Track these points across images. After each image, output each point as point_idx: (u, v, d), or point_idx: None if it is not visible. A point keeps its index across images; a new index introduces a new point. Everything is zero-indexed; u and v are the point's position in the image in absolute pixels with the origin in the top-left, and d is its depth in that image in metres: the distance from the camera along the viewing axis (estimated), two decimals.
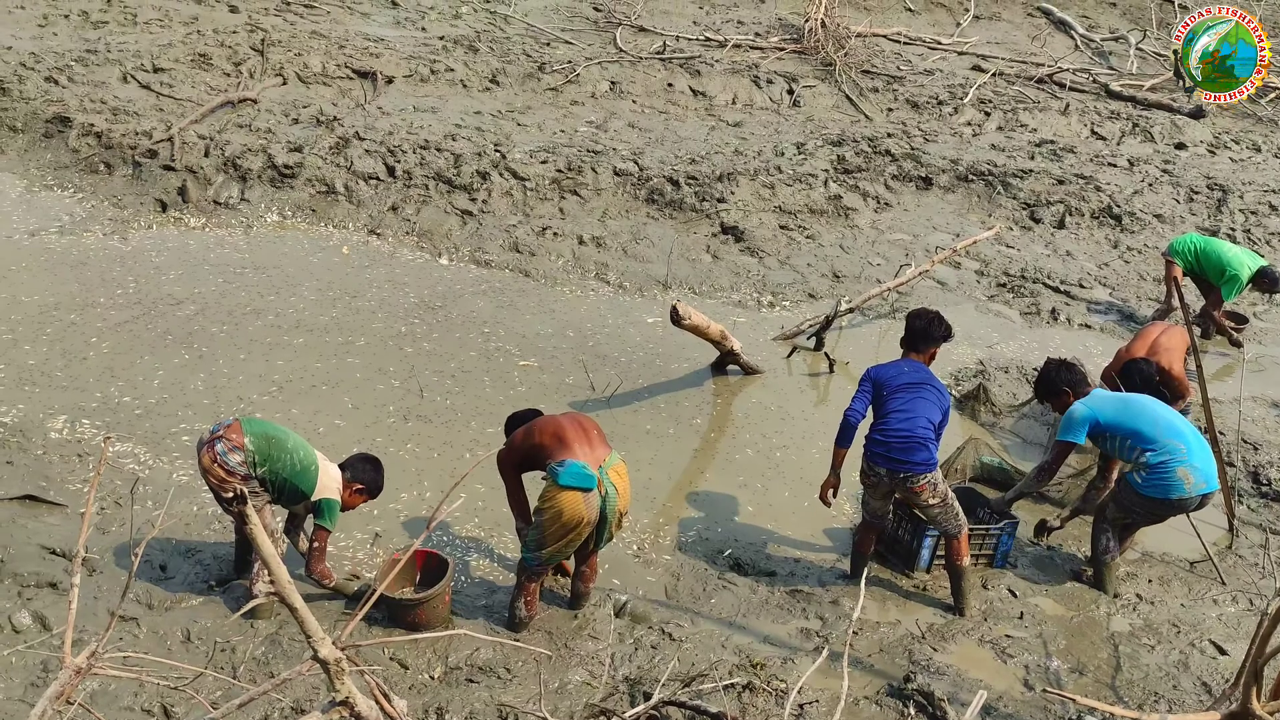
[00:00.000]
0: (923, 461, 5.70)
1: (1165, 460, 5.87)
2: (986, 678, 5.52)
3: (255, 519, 2.93)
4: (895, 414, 5.78)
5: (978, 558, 6.28)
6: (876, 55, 15.66)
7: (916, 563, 6.24)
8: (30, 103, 11.34)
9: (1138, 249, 10.89)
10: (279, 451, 5.34)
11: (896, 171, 11.91)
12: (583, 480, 5.18)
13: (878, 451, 5.80)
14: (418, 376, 7.85)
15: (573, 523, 5.21)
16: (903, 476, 5.74)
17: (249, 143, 10.88)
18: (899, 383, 5.86)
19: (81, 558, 3.54)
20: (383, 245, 9.98)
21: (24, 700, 4.82)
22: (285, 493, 5.41)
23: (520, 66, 13.73)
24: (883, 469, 5.79)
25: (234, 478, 5.24)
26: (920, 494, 5.77)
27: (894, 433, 5.75)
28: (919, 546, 6.21)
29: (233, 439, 5.28)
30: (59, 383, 7.38)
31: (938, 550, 6.16)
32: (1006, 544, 6.36)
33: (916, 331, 6.05)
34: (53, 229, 9.63)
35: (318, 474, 5.41)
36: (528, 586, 5.48)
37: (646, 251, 10.13)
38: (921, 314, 6.17)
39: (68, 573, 5.58)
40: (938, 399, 5.85)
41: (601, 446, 5.39)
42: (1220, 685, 5.55)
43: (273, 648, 5.28)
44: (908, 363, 6.01)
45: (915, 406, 5.76)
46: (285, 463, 5.34)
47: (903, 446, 5.71)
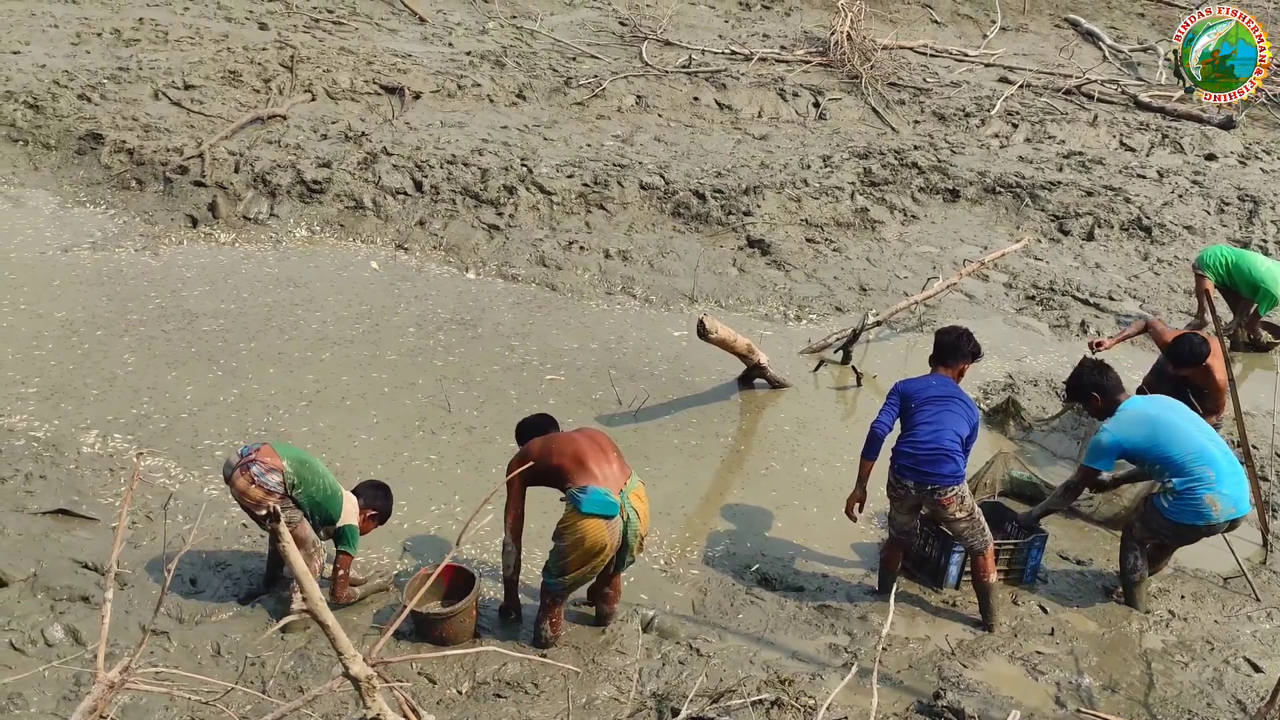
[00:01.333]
0: (950, 474, 5.67)
1: (1192, 487, 5.77)
2: (1017, 695, 5.46)
3: (287, 536, 2.95)
4: (923, 426, 5.75)
5: (1006, 573, 6.21)
6: (903, 67, 15.63)
7: (944, 579, 6.19)
8: (63, 120, 11.51)
9: (1168, 261, 10.80)
10: (312, 475, 5.47)
11: (923, 184, 11.87)
12: (605, 508, 5.14)
13: (905, 464, 5.77)
14: (445, 390, 7.88)
15: (595, 549, 5.19)
16: (930, 489, 5.70)
17: (278, 158, 10.99)
18: (926, 395, 5.84)
19: (114, 572, 3.57)
20: (410, 260, 10.04)
21: (56, 714, 4.86)
22: (314, 518, 5.53)
23: (546, 81, 13.80)
24: (910, 481, 5.76)
25: (272, 496, 5.33)
26: (947, 507, 5.73)
27: (922, 445, 5.72)
28: (947, 563, 6.16)
29: (267, 461, 5.37)
30: (91, 397, 7.47)
31: (965, 566, 6.10)
32: (1035, 559, 6.29)
33: (945, 347, 6.04)
34: (85, 245, 9.75)
35: (342, 500, 5.55)
36: (551, 609, 5.47)
37: (673, 265, 10.14)
38: (950, 330, 6.18)
39: (100, 587, 5.63)
40: (965, 413, 5.82)
41: (621, 469, 5.36)
42: (1255, 703, 5.48)
43: (302, 662, 5.31)
44: (936, 377, 5.99)
45: (943, 419, 5.72)
46: (318, 486, 5.47)
47: (930, 459, 5.68)
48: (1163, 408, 6.10)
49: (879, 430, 5.86)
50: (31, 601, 5.56)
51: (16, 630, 5.35)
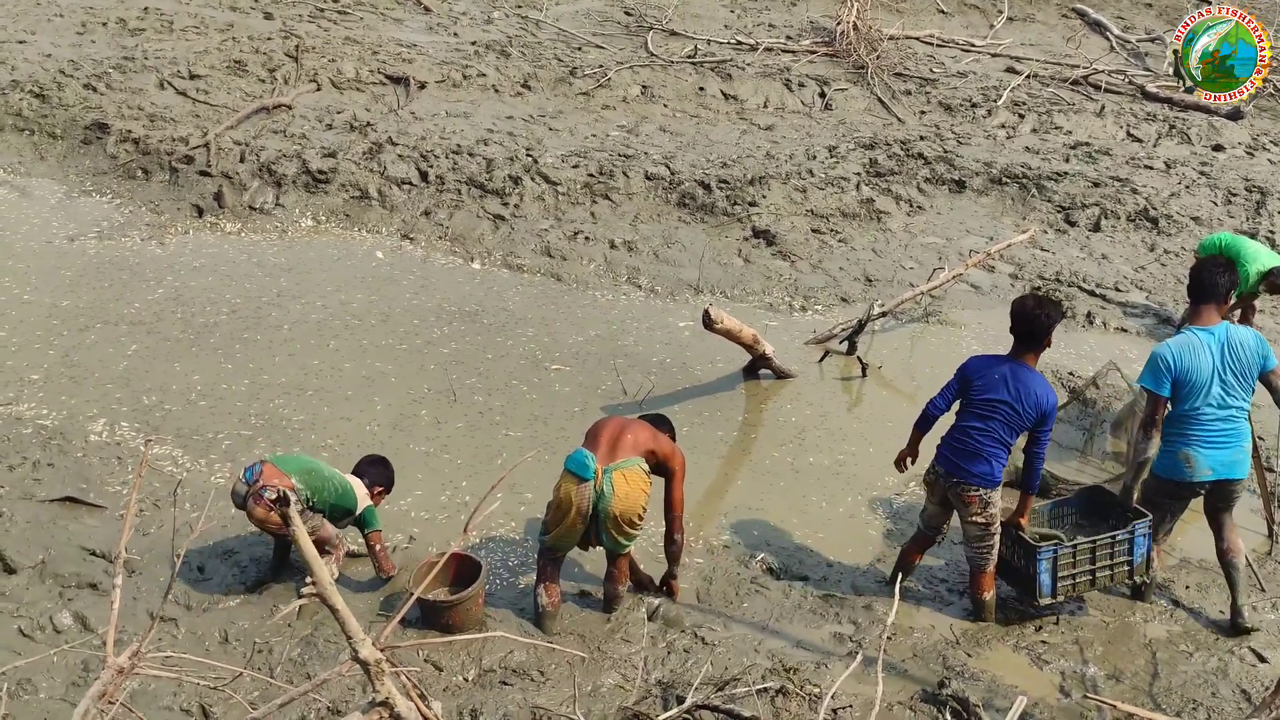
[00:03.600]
0: (980, 475, 5.59)
1: (1172, 439, 5.65)
2: (1022, 684, 5.47)
3: (298, 522, 2.97)
4: (970, 423, 5.65)
5: (1112, 570, 5.86)
6: (909, 58, 15.57)
7: (1038, 589, 5.76)
8: (69, 109, 11.52)
9: (1175, 252, 10.77)
10: (320, 481, 5.61)
11: (929, 174, 11.84)
12: (578, 468, 5.37)
13: (944, 451, 5.76)
14: (451, 380, 7.89)
15: (564, 507, 5.39)
16: (955, 481, 5.66)
17: (284, 148, 10.99)
18: (984, 393, 5.61)
19: (123, 559, 3.59)
20: (415, 250, 10.04)
21: (65, 699, 4.90)
22: (332, 517, 5.68)
23: (552, 71, 13.78)
24: (941, 468, 5.74)
25: None
26: (968, 505, 5.67)
27: (960, 440, 5.66)
28: (1036, 571, 5.73)
29: (276, 483, 5.41)
30: (98, 385, 7.49)
31: (1059, 574, 5.74)
32: (1144, 547, 5.81)
33: (1022, 334, 5.64)
34: (91, 234, 9.77)
35: (354, 491, 5.71)
36: (541, 567, 5.64)
37: (678, 255, 10.14)
38: (1024, 309, 5.67)
39: (108, 574, 5.67)
40: (1019, 417, 5.55)
41: (626, 451, 5.46)
42: (1260, 693, 5.48)
43: (309, 649, 5.34)
44: (1006, 365, 5.64)
45: (990, 423, 5.58)
46: (329, 489, 5.61)
47: (966, 454, 5.63)
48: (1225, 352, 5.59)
49: (931, 411, 5.83)
50: (40, 588, 5.60)
51: (25, 617, 5.39)
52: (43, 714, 4.84)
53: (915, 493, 7.10)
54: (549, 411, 7.66)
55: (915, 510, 6.90)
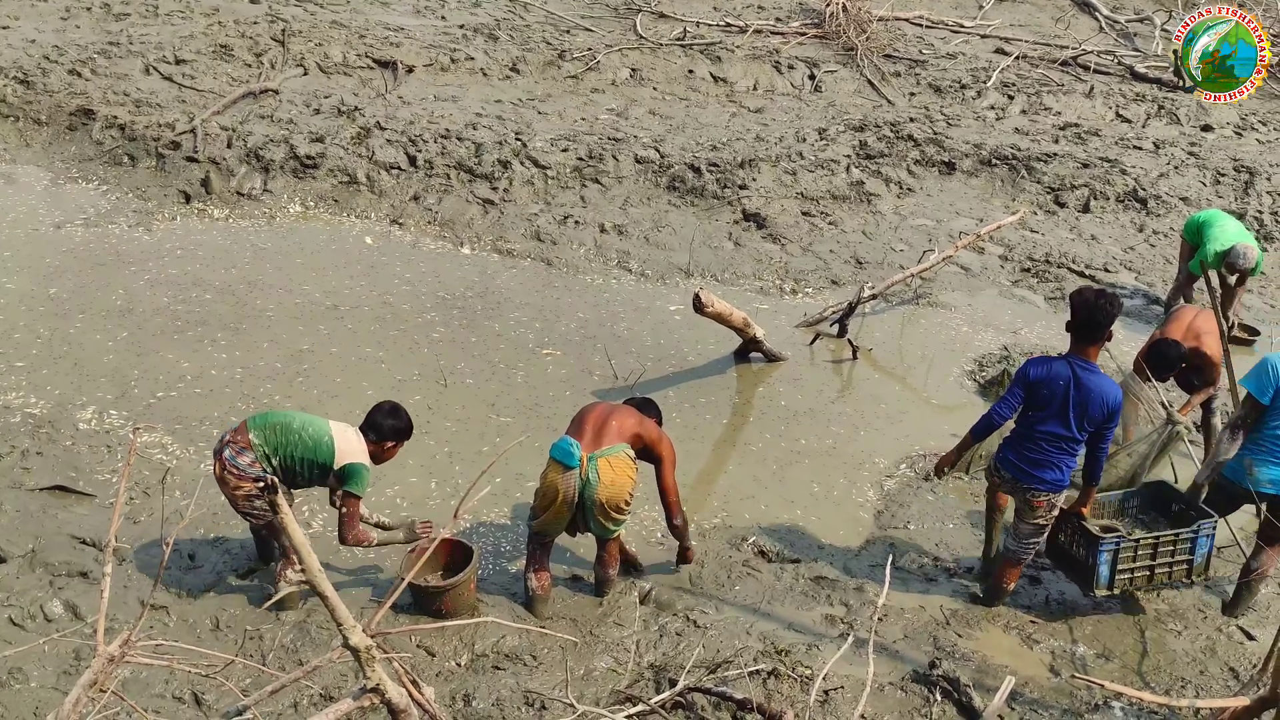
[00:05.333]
0: (1050, 481, 5.54)
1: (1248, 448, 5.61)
2: (1012, 664, 5.50)
3: (284, 507, 2.96)
4: (1035, 431, 5.52)
5: (1171, 568, 5.80)
6: (898, 39, 15.54)
7: (1096, 580, 5.70)
8: (54, 95, 11.43)
9: (1163, 232, 10.79)
10: (286, 435, 5.28)
11: (919, 156, 11.83)
12: (562, 455, 5.36)
13: (1009, 455, 5.64)
14: (441, 366, 7.88)
15: (549, 494, 5.39)
16: (1024, 487, 5.60)
17: (271, 133, 10.93)
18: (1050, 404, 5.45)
19: (113, 547, 3.58)
20: (405, 235, 10.01)
21: (57, 688, 4.89)
22: (308, 473, 5.34)
23: (540, 54, 13.71)
24: (1008, 474, 5.65)
25: (245, 480, 5.24)
26: (1036, 509, 5.61)
27: (1029, 447, 5.56)
28: (1096, 563, 5.67)
29: (239, 441, 5.27)
30: (87, 373, 7.46)
31: (1118, 566, 5.69)
32: (1206, 547, 5.77)
33: (1082, 325, 5.42)
34: (78, 221, 9.71)
35: (333, 444, 5.31)
36: (530, 552, 5.65)
37: (668, 239, 10.12)
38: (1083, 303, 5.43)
39: (98, 562, 5.65)
40: (1086, 420, 5.41)
41: (612, 438, 5.44)
42: (1248, 671, 5.53)
43: (301, 635, 5.33)
44: (1072, 368, 5.43)
45: (1058, 430, 5.47)
46: (295, 443, 5.28)
47: (1034, 461, 5.55)
48: None
49: (995, 421, 5.61)
50: (30, 577, 5.58)
51: (16, 606, 5.38)
52: (34, 703, 4.84)
53: (906, 475, 7.13)
54: (540, 396, 7.65)
55: (906, 492, 6.93)
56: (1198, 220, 8.89)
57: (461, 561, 5.64)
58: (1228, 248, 8.42)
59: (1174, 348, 6.72)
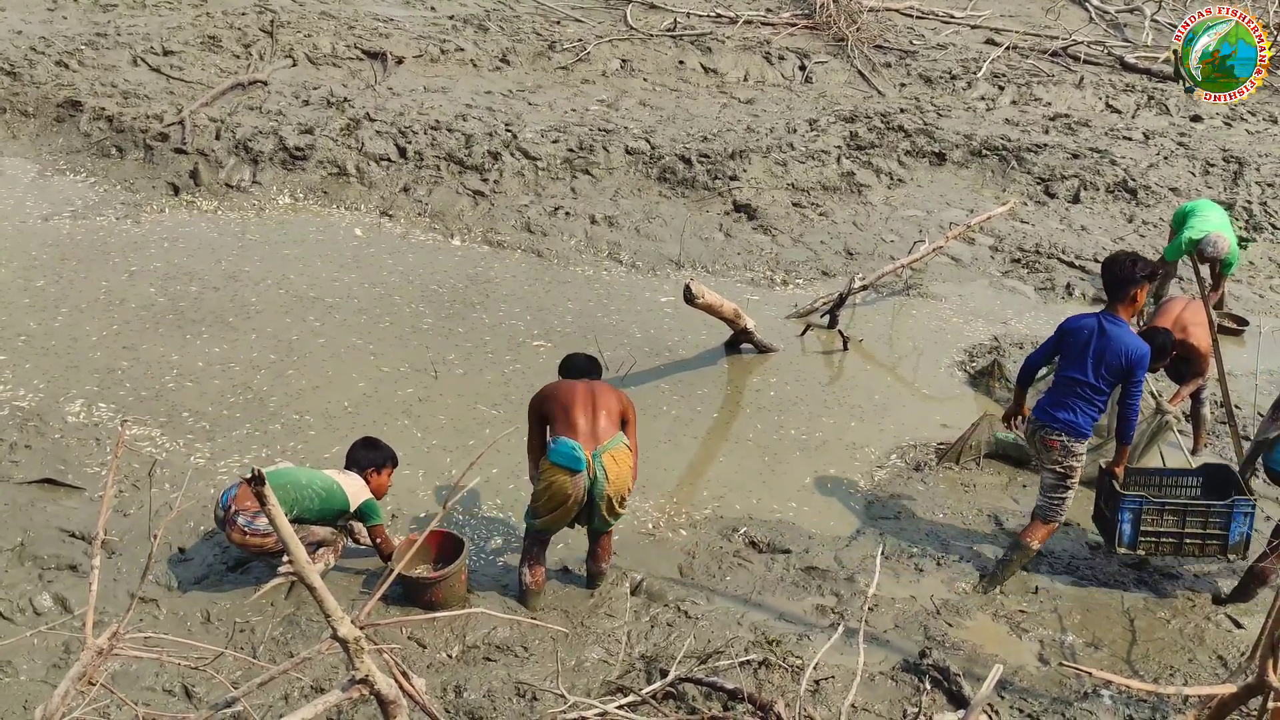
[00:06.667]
0: (1063, 421, 5.78)
1: None
2: (1002, 653, 5.52)
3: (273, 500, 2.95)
4: (1062, 371, 5.88)
5: (1203, 541, 5.90)
6: (889, 30, 15.54)
7: (1119, 537, 5.93)
8: (41, 87, 11.37)
9: (1153, 223, 10.81)
10: (298, 493, 5.41)
11: (910, 147, 11.84)
12: (570, 461, 5.29)
13: (1040, 403, 5.97)
14: (431, 357, 7.86)
15: (559, 498, 5.34)
16: (1040, 425, 5.86)
17: (260, 125, 10.89)
18: (1074, 350, 5.81)
19: (101, 540, 3.57)
20: (395, 227, 9.98)
21: (46, 681, 4.87)
22: (320, 521, 5.55)
23: (530, 45, 13.68)
24: (1033, 414, 5.97)
25: (270, 539, 5.32)
26: (1050, 449, 5.84)
27: (1052, 390, 5.91)
28: (1119, 520, 5.91)
29: (249, 506, 5.33)
30: (75, 367, 7.43)
31: (1141, 526, 5.88)
32: (1243, 527, 5.85)
33: (1107, 285, 5.83)
34: (66, 213, 9.66)
35: (343, 489, 5.50)
36: (528, 552, 5.62)
37: (659, 230, 10.11)
38: (1105, 263, 5.89)
39: (87, 555, 5.63)
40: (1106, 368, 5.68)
41: (607, 428, 5.44)
42: (1236, 659, 5.55)
43: (291, 628, 5.32)
44: (1101, 319, 5.77)
45: (1078, 374, 5.78)
46: (309, 498, 5.43)
47: (1054, 402, 5.85)
48: None
49: (1028, 364, 6.09)
50: (19, 570, 5.56)
51: (4, 599, 5.35)
52: (24, 696, 4.82)
53: (896, 466, 7.14)
54: (530, 388, 7.56)
55: (896, 482, 6.95)
56: (1185, 210, 8.91)
57: (452, 553, 5.63)
58: (1201, 236, 8.41)
59: (1163, 336, 6.73)
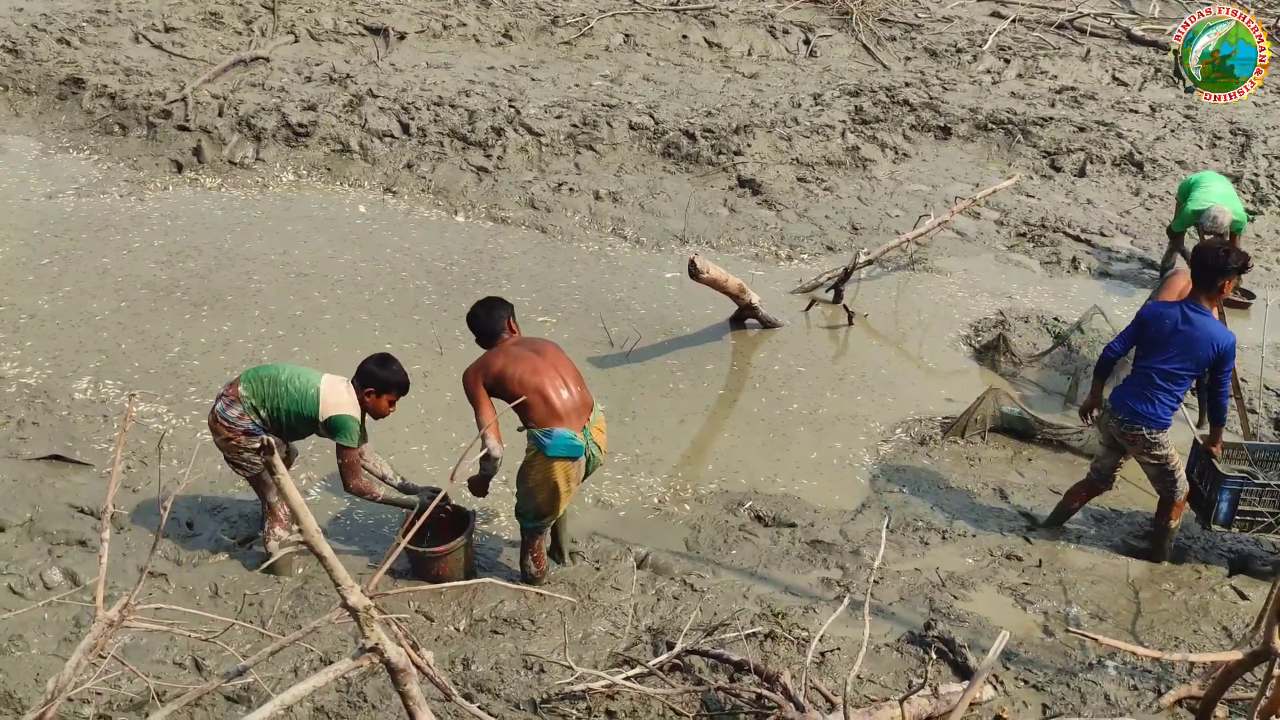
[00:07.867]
0: (1144, 414, 5.72)
1: None
2: (1006, 624, 5.50)
3: (281, 469, 2.96)
4: (1142, 362, 5.80)
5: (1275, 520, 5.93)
6: (894, 3, 15.42)
7: (1216, 515, 5.94)
8: (43, 65, 11.34)
9: (1159, 196, 10.76)
10: (274, 387, 5.26)
11: (915, 121, 11.78)
12: (571, 450, 5.25)
13: (1117, 391, 5.92)
14: (436, 333, 7.87)
15: (564, 487, 5.33)
16: (1120, 419, 5.81)
17: (263, 102, 10.86)
18: (1157, 339, 5.73)
19: (110, 514, 3.59)
20: (399, 203, 9.96)
21: (57, 655, 4.91)
22: (294, 425, 5.32)
23: (533, 20, 13.60)
24: (1111, 405, 5.90)
25: (235, 433, 5.25)
26: (1133, 444, 5.82)
27: (1132, 381, 5.83)
28: (1217, 499, 5.91)
29: (230, 394, 5.29)
30: (82, 343, 7.44)
31: (1238, 505, 5.89)
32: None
33: (1197, 272, 5.75)
34: (70, 191, 9.66)
35: (319, 395, 5.24)
36: (533, 545, 5.57)
37: (663, 206, 10.09)
38: (1200, 251, 5.83)
39: (96, 530, 5.67)
40: (1190, 359, 5.65)
41: (584, 401, 5.39)
42: (1241, 629, 5.57)
43: (299, 601, 5.36)
44: (1185, 308, 5.71)
45: (1160, 366, 5.71)
46: (282, 394, 5.25)
47: (1134, 395, 5.78)
48: None
49: (1108, 355, 6.01)
50: (29, 546, 5.60)
51: (15, 574, 5.39)
52: (35, 669, 4.86)
53: (901, 440, 7.14)
54: None
55: (901, 456, 6.96)
56: (1189, 182, 8.86)
57: (458, 527, 5.65)
58: (1204, 209, 8.37)
59: None
